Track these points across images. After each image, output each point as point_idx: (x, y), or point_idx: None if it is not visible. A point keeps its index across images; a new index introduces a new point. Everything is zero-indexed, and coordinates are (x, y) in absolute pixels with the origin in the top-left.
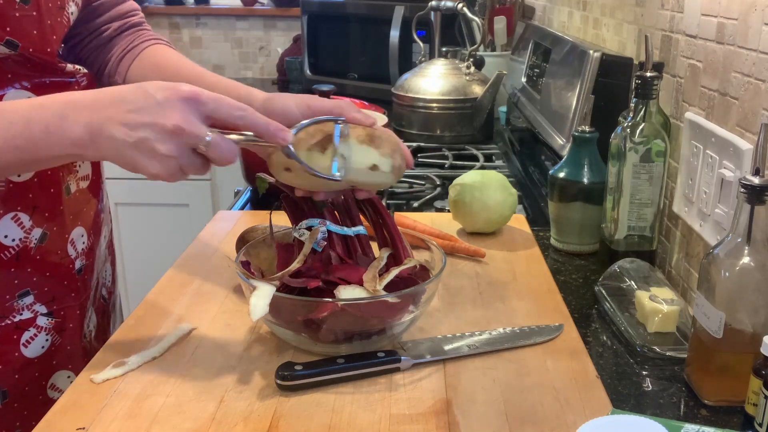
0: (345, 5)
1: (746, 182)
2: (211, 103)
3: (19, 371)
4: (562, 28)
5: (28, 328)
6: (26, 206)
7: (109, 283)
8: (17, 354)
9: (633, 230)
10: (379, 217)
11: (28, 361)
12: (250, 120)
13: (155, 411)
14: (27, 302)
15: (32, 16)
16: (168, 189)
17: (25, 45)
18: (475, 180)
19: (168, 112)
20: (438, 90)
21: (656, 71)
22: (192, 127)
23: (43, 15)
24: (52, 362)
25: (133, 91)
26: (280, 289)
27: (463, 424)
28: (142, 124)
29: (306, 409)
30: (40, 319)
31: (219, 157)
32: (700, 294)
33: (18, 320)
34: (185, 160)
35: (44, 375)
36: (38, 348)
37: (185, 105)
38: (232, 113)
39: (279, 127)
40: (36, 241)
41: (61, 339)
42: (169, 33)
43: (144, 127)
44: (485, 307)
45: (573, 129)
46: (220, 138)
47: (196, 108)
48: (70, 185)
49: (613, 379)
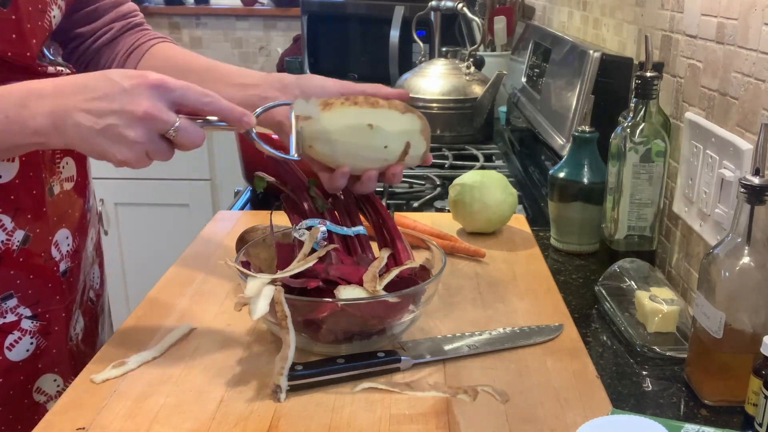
0: (345, 5)
1: (746, 182)
2: (179, 89)
3: (3, 375)
4: (562, 28)
5: (12, 332)
6: (8, 208)
7: (97, 285)
8: (1, 358)
9: (633, 230)
10: (379, 217)
11: (13, 364)
12: (217, 106)
13: (155, 411)
14: (10, 305)
15: (11, 19)
16: (168, 189)
17: (3, 49)
18: (475, 180)
19: (137, 99)
20: (438, 90)
21: (656, 71)
22: (161, 113)
23: (23, 19)
24: (38, 366)
25: (97, 79)
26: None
27: (463, 424)
28: (110, 111)
29: (306, 409)
30: (24, 322)
31: (187, 142)
32: (700, 294)
33: (1, 323)
34: (153, 145)
35: (29, 379)
36: (23, 351)
37: (153, 92)
38: (199, 99)
39: (243, 111)
40: (18, 243)
41: (47, 342)
42: (169, 33)
43: (111, 114)
44: (485, 307)
45: (573, 129)
46: (187, 123)
47: (163, 94)
48: (54, 186)
49: (613, 379)
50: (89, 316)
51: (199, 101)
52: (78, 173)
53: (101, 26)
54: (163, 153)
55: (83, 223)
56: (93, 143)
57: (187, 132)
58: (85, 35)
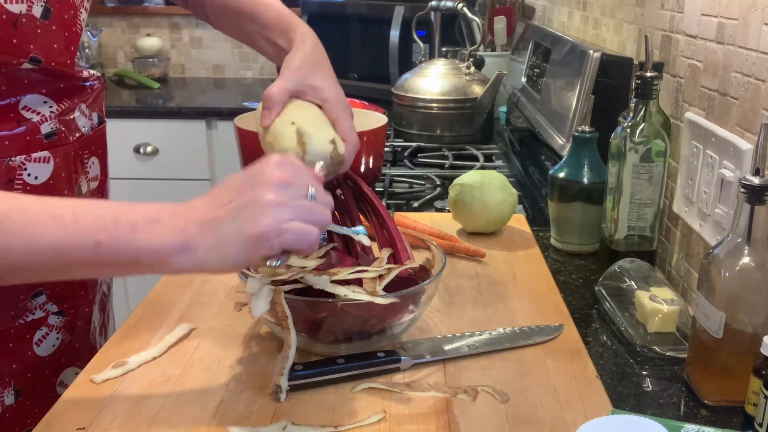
0: (345, 5)
1: (746, 182)
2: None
3: (32, 370)
4: (562, 28)
5: (40, 327)
6: None
7: (109, 278)
8: (30, 353)
9: (633, 230)
10: (379, 217)
11: (40, 359)
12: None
13: (155, 411)
14: (39, 302)
15: (52, 30)
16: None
17: (47, 60)
18: (475, 180)
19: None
20: (438, 90)
21: (656, 71)
22: (296, 178)
23: (60, 28)
24: (61, 360)
25: (221, 189)
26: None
27: (463, 424)
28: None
29: (306, 409)
30: (51, 318)
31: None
32: (700, 294)
33: (30, 320)
34: (296, 211)
35: (54, 373)
36: (49, 346)
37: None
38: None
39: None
40: None
41: (71, 337)
42: (170, 33)
43: (248, 205)
44: (485, 307)
45: (573, 129)
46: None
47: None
48: (82, 186)
49: (613, 379)
50: (103, 310)
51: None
52: (101, 172)
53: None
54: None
55: None
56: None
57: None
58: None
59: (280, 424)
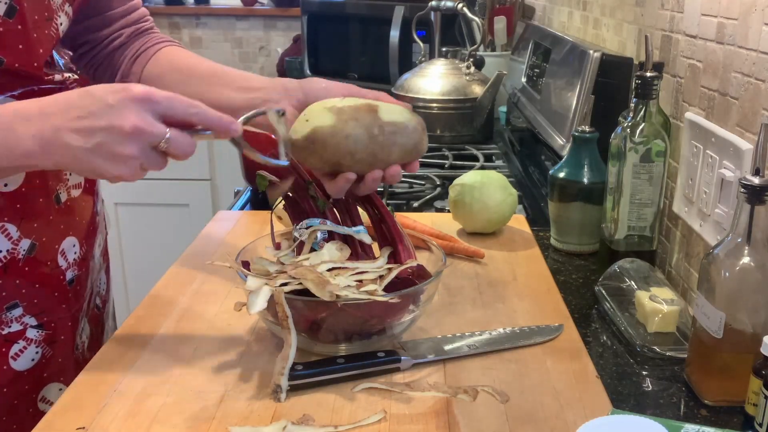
0: (345, 5)
1: (746, 182)
2: (165, 101)
3: (8, 385)
4: (562, 28)
5: (17, 341)
6: (13, 217)
7: (104, 291)
8: (5, 367)
9: (633, 230)
10: (379, 216)
11: (17, 374)
12: (203, 116)
13: (155, 411)
14: (16, 314)
15: (17, 29)
16: (168, 189)
17: (10, 60)
18: (475, 180)
19: (124, 114)
20: (438, 90)
21: (656, 71)
22: (150, 126)
23: (29, 28)
24: (43, 375)
25: (82, 97)
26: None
27: (463, 424)
28: (98, 129)
29: (306, 409)
30: (29, 331)
31: (179, 152)
32: (700, 294)
33: (6, 333)
34: (146, 158)
35: (34, 388)
36: (28, 361)
37: (139, 105)
38: (186, 110)
39: (230, 120)
40: (24, 252)
41: (53, 351)
42: (170, 33)
43: (100, 132)
44: (485, 307)
45: (573, 129)
46: (178, 134)
47: (150, 107)
48: (61, 194)
49: (613, 379)
50: (95, 323)
51: (186, 112)
52: (86, 179)
53: (111, 33)
54: (157, 164)
55: (91, 230)
56: (85, 162)
57: (178, 142)
58: (95, 41)
59: (280, 424)
